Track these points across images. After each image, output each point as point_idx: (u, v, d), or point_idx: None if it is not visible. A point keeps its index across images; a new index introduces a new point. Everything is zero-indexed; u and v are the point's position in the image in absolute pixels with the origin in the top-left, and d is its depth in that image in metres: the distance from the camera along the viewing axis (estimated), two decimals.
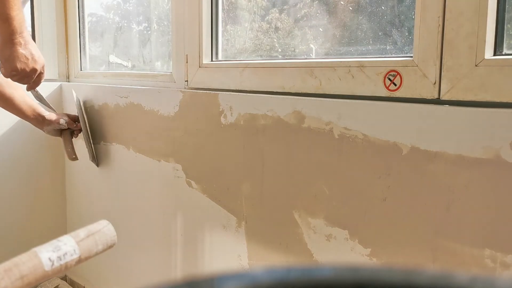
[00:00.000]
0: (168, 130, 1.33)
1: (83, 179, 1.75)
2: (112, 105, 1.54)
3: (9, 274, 0.48)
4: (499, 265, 0.73)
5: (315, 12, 1.12)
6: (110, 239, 0.59)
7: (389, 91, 0.87)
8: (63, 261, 0.52)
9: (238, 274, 0.21)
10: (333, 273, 0.21)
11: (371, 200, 0.88)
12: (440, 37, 0.79)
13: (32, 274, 0.49)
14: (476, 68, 0.75)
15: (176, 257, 1.35)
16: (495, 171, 0.72)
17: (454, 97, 0.78)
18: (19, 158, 1.71)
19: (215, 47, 1.28)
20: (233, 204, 1.15)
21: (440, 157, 0.78)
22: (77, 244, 0.54)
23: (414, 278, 0.20)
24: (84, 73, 1.81)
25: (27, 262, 0.50)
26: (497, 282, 0.19)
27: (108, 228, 0.60)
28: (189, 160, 1.27)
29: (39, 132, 1.58)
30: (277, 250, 1.06)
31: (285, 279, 0.20)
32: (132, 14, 1.82)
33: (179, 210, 1.32)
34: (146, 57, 1.71)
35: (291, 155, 1.01)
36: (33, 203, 1.76)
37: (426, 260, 0.81)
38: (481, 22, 0.74)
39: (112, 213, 1.60)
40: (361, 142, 0.89)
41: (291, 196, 1.02)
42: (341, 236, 0.93)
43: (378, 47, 0.99)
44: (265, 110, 1.06)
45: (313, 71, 0.99)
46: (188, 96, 1.26)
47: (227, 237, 1.18)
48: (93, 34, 1.88)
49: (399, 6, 0.96)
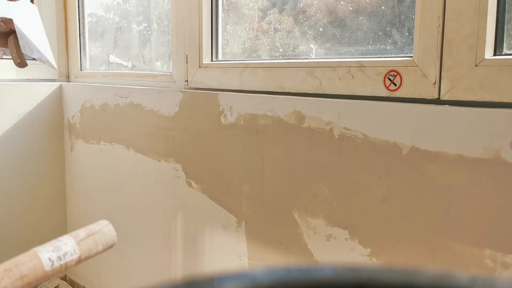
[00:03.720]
0: (168, 130, 1.33)
1: (83, 179, 1.75)
2: (112, 105, 1.54)
3: (9, 274, 0.48)
4: (499, 265, 0.73)
5: (315, 12, 1.12)
6: (110, 239, 0.59)
7: (389, 91, 0.87)
8: (63, 261, 0.52)
9: (238, 274, 0.21)
10: (333, 273, 0.21)
11: (371, 200, 0.88)
12: (440, 37, 0.79)
13: (32, 274, 0.49)
14: (476, 68, 0.75)
15: (176, 257, 1.35)
16: (495, 171, 0.72)
17: (454, 97, 0.78)
18: (19, 158, 1.71)
19: (215, 47, 1.28)
20: (233, 204, 1.15)
21: (440, 157, 0.78)
22: (77, 244, 0.54)
23: (414, 278, 0.20)
24: (84, 73, 1.81)
25: (27, 262, 0.50)
26: (497, 282, 0.19)
27: (108, 228, 0.60)
28: (189, 160, 1.27)
29: (39, 132, 1.58)
30: (277, 250, 1.06)
31: (285, 279, 0.20)
32: (132, 14, 1.82)
33: (179, 210, 1.32)
34: (146, 57, 1.71)
35: (291, 155, 1.01)
36: (33, 203, 1.76)
37: (426, 260, 0.81)
38: (481, 22, 0.74)
39: (112, 213, 1.60)
40: (361, 142, 0.89)
41: (291, 196, 1.02)
42: (341, 236, 0.93)
43: (378, 47, 0.99)
44: (265, 110, 1.06)
45: (313, 71, 0.99)
46: (188, 96, 1.26)
47: (227, 237, 1.18)
48: (93, 34, 1.88)
49: (399, 6, 0.96)
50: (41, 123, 1.76)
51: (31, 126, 1.73)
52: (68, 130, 1.80)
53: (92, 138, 1.66)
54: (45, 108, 1.77)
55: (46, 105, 1.77)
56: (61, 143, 1.82)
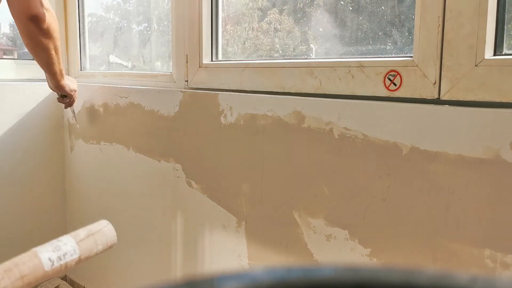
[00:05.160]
0: (168, 130, 1.33)
1: (83, 179, 1.75)
2: (112, 105, 1.54)
3: (9, 274, 0.48)
4: (499, 265, 0.73)
5: (315, 12, 1.12)
6: (110, 239, 0.59)
7: (389, 91, 0.87)
8: (63, 261, 0.52)
9: (238, 274, 0.21)
10: (333, 273, 0.21)
11: (371, 200, 0.88)
12: (440, 37, 0.79)
13: (32, 274, 0.49)
14: (476, 68, 0.75)
15: (176, 257, 1.35)
16: (495, 171, 0.72)
17: (454, 97, 0.78)
18: (19, 158, 1.71)
19: (215, 47, 1.28)
20: (233, 204, 1.15)
21: (440, 157, 0.78)
22: (77, 244, 0.54)
23: (414, 278, 0.20)
24: (84, 73, 1.81)
25: (27, 262, 0.50)
26: (497, 282, 0.19)
27: (108, 228, 0.60)
28: (189, 160, 1.27)
29: (39, 132, 1.58)
30: (277, 250, 1.06)
31: (285, 279, 0.20)
32: (132, 14, 1.82)
33: (179, 210, 1.32)
34: (146, 57, 1.71)
35: (291, 155, 1.01)
36: (33, 203, 1.76)
37: (426, 260, 0.81)
38: (481, 22, 0.74)
39: (112, 213, 1.60)
40: (361, 142, 0.89)
41: (291, 196, 1.02)
42: (341, 236, 0.93)
43: (378, 47, 0.99)
44: (265, 110, 1.06)
45: (313, 71, 0.99)
46: (188, 96, 1.26)
47: (227, 237, 1.18)
48: (93, 34, 1.88)
49: (399, 6, 0.96)
50: (41, 123, 1.76)
51: (31, 126, 1.73)
52: (68, 130, 1.80)
53: (92, 138, 1.66)
54: (45, 108, 1.77)
55: (46, 105, 1.77)
56: (61, 143, 1.82)
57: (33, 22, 1.13)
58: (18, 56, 1.94)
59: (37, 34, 1.16)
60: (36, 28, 1.15)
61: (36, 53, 1.24)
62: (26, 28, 1.14)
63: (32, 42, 1.19)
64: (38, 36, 1.17)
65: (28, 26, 1.14)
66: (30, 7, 1.11)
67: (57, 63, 1.30)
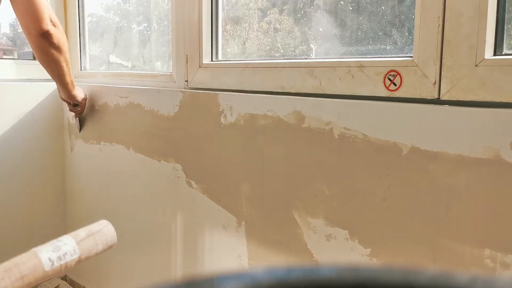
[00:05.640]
0: (168, 130, 1.33)
1: (83, 179, 1.75)
2: (112, 105, 1.54)
3: (9, 274, 0.48)
4: (499, 265, 0.73)
5: (315, 12, 1.12)
6: (110, 239, 0.59)
7: (389, 91, 0.87)
8: (63, 261, 0.52)
9: (238, 274, 0.21)
10: (333, 273, 0.21)
11: (371, 200, 0.88)
12: (440, 37, 0.79)
13: (32, 274, 0.49)
14: (476, 68, 0.75)
15: (176, 257, 1.35)
16: (495, 171, 0.72)
17: (454, 97, 0.78)
18: (19, 158, 1.71)
19: (215, 47, 1.28)
20: (233, 204, 1.15)
21: (440, 157, 0.78)
22: (77, 244, 0.54)
23: (414, 278, 0.20)
24: (84, 73, 1.81)
25: (27, 262, 0.50)
26: (497, 282, 0.19)
27: (108, 228, 0.60)
28: (189, 160, 1.27)
29: (39, 132, 1.58)
30: (277, 250, 1.06)
31: (285, 279, 0.20)
32: (132, 14, 1.82)
33: (179, 210, 1.32)
34: (146, 57, 1.71)
35: (291, 155, 1.01)
36: (33, 203, 1.76)
37: (426, 260, 0.81)
38: (481, 22, 0.74)
39: (112, 213, 1.60)
40: (361, 142, 0.89)
41: (291, 196, 1.02)
42: (341, 236, 0.93)
43: (378, 47, 0.99)
44: (265, 110, 1.06)
45: (313, 71, 0.99)
46: (188, 96, 1.26)
47: (227, 237, 1.18)
48: (93, 34, 1.88)
49: (399, 6, 0.96)
50: (41, 123, 1.76)
51: (31, 126, 1.73)
52: (68, 130, 1.80)
53: (92, 138, 1.66)
54: (45, 108, 1.77)
55: (46, 105, 1.77)
56: (61, 143, 1.82)
57: (44, 38, 1.23)
58: (18, 56, 1.94)
59: (49, 48, 1.27)
60: (48, 43, 1.25)
61: (49, 66, 1.34)
62: (38, 43, 1.24)
63: (45, 56, 1.29)
64: (50, 50, 1.27)
65: (39, 41, 1.24)
66: (41, 25, 1.21)
67: (68, 75, 1.40)
